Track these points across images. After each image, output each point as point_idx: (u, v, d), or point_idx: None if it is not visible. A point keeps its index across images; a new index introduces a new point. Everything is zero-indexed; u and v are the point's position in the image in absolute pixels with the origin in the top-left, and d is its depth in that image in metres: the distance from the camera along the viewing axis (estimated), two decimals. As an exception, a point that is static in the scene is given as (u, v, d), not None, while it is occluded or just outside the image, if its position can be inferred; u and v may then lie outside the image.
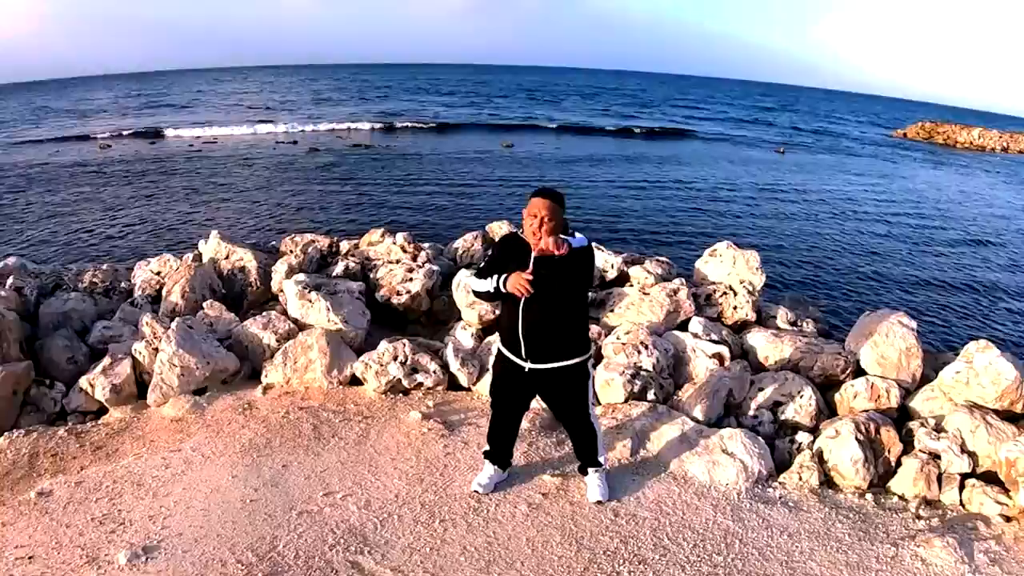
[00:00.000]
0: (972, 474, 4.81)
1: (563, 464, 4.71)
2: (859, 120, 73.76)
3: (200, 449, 4.71)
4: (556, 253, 3.62)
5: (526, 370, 4.11)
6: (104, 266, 6.82)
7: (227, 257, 6.76)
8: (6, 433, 4.74)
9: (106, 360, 5.33)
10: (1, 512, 4.05)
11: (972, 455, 4.81)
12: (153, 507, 4.12)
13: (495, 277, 3.95)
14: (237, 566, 3.63)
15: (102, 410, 5.26)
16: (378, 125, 38.88)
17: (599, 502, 4.35)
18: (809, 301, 7.37)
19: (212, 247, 6.93)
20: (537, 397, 4.55)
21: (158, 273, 6.64)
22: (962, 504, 4.68)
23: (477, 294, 4.15)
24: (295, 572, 3.62)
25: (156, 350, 5.33)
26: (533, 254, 3.88)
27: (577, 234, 3.99)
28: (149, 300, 6.43)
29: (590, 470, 4.48)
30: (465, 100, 61.07)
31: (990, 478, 4.77)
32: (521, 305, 3.96)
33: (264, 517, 4.04)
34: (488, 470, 4.48)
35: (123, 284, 6.66)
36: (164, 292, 6.38)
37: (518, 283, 3.77)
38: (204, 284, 6.37)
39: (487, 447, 4.52)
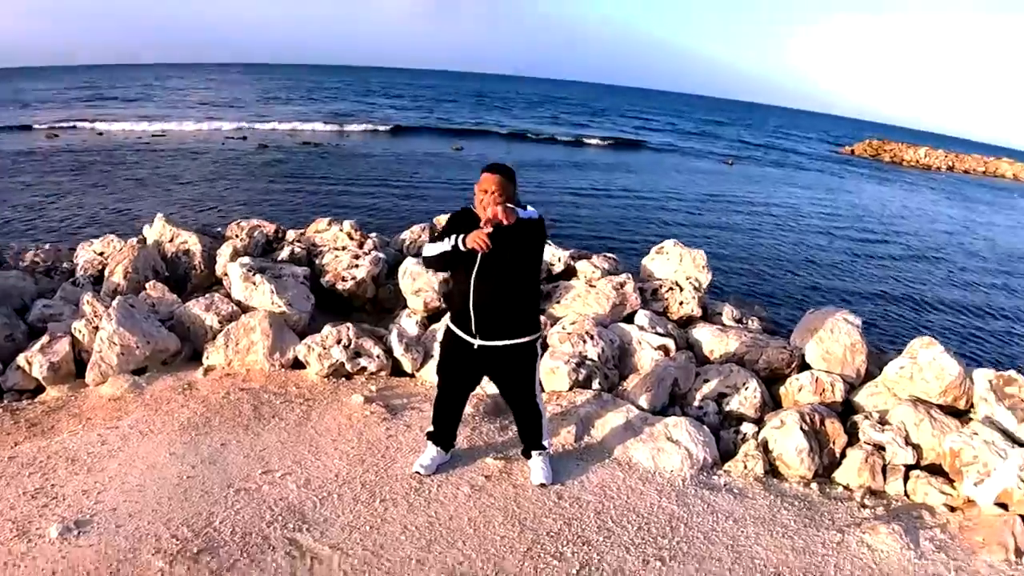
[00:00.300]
0: (916, 466, 4.90)
1: (507, 448, 4.74)
2: (808, 136, 77.10)
3: (137, 426, 4.65)
4: (504, 222, 3.67)
5: (475, 347, 4.15)
6: (47, 246, 6.74)
7: (172, 240, 6.73)
8: None
9: (44, 338, 5.27)
10: None
11: (916, 447, 4.92)
12: (87, 482, 4.05)
13: (452, 236, 3.96)
14: (171, 541, 3.58)
15: (39, 389, 5.18)
16: (329, 125, 38.98)
17: (542, 485, 4.36)
18: (754, 302, 7.55)
19: (157, 230, 6.89)
20: (484, 380, 4.63)
21: (101, 254, 6.58)
22: (907, 494, 4.79)
23: (430, 260, 4.14)
24: (231, 548, 3.57)
25: (96, 328, 5.26)
26: (483, 226, 3.88)
27: (529, 207, 4.05)
28: (91, 280, 6.38)
29: (534, 453, 4.49)
30: (414, 104, 61.70)
31: (934, 471, 4.87)
32: (473, 278, 4.00)
33: (201, 494, 4.00)
34: (431, 451, 4.48)
35: (65, 264, 6.60)
36: (106, 272, 6.33)
37: (478, 237, 3.76)
38: (147, 265, 6.33)
39: (431, 428, 4.53)
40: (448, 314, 4.38)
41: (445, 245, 3.97)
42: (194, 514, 3.82)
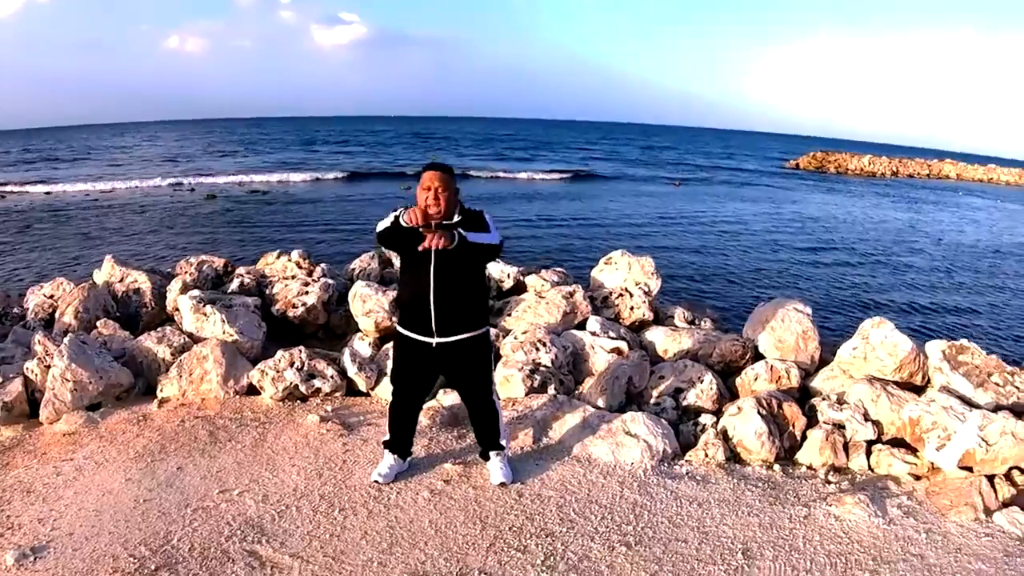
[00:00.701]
0: (878, 441, 5.02)
1: (465, 454, 4.81)
2: (754, 155, 78.41)
3: (92, 457, 4.66)
4: (440, 246, 3.85)
5: (434, 345, 4.20)
6: None
7: (121, 280, 6.79)
8: None
9: None
10: None
11: (876, 423, 5.05)
12: (43, 511, 4.05)
13: (393, 213, 4.06)
14: (129, 560, 3.58)
15: None
16: (277, 175, 38.54)
17: (502, 484, 4.42)
18: (705, 305, 7.74)
19: (106, 271, 6.97)
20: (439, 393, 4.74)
21: (51, 296, 6.63)
22: (871, 468, 4.89)
23: (382, 235, 4.17)
24: (190, 563, 3.59)
25: (48, 367, 5.27)
26: (434, 224, 3.98)
27: (475, 209, 4.26)
28: (42, 323, 6.41)
29: (492, 454, 4.56)
30: (360, 150, 61.79)
31: (897, 444, 4.98)
32: (432, 277, 4.09)
33: (158, 515, 4.02)
34: (388, 460, 4.53)
35: (15, 310, 6.62)
36: (57, 314, 6.38)
37: (414, 213, 3.88)
38: (98, 305, 6.38)
39: (387, 437, 4.58)
40: (399, 321, 4.41)
41: (388, 220, 4.06)
42: (151, 534, 3.84)
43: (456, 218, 4.15)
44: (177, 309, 6.36)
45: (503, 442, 4.57)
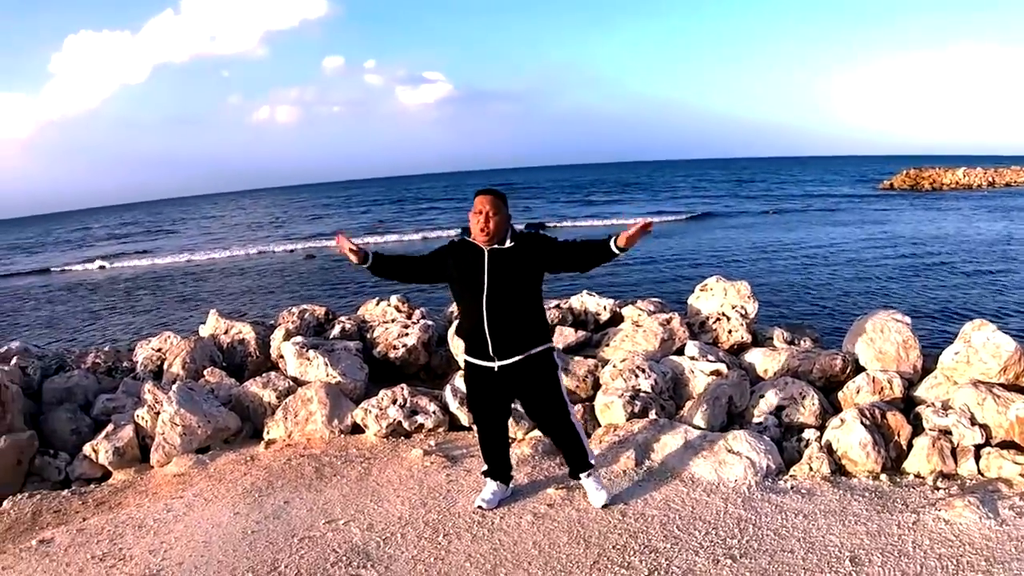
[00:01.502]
0: (987, 444, 4.80)
1: (568, 479, 4.73)
2: (838, 178, 78.06)
3: (202, 494, 4.82)
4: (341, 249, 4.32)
5: (496, 369, 4.20)
6: (106, 348, 7.12)
7: (226, 332, 7.05)
8: (10, 497, 4.86)
9: (109, 427, 5.52)
10: (5, 560, 4.13)
11: (984, 427, 4.84)
12: (154, 543, 4.21)
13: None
14: None
15: (106, 475, 5.37)
16: (372, 237, 39.10)
17: (605, 505, 4.34)
18: (804, 325, 7.54)
19: (211, 324, 7.26)
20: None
21: (159, 349, 6.90)
22: (980, 473, 4.69)
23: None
24: None
25: (158, 413, 5.50)
26: (485, 250, 4.12)
27: (531, 232, 4.32)
28: (151, 374, 6.68)
29: (582, 475, 4.48)
30: (451, 205, 63.89)
31: (1006, 446, 4.76)
32: (485, 302, 4.09)
33: (265, 544, 4.12)
34: (490, 487, 4.52)
35: (125, 364, 6.90)
36: (165, 365, 6.66)
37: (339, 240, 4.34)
38: (204, 355, 6.64)
39: (485, 467, 4.58)
40: (464, 349, 4.42)
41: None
42: (259, 561, 3.94)
43: (508, 243, 4.15)
44: (281, 356, 6.56)
45: (592, 460, 4.48)
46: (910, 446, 4.89)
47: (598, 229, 37.42)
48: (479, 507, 4.42)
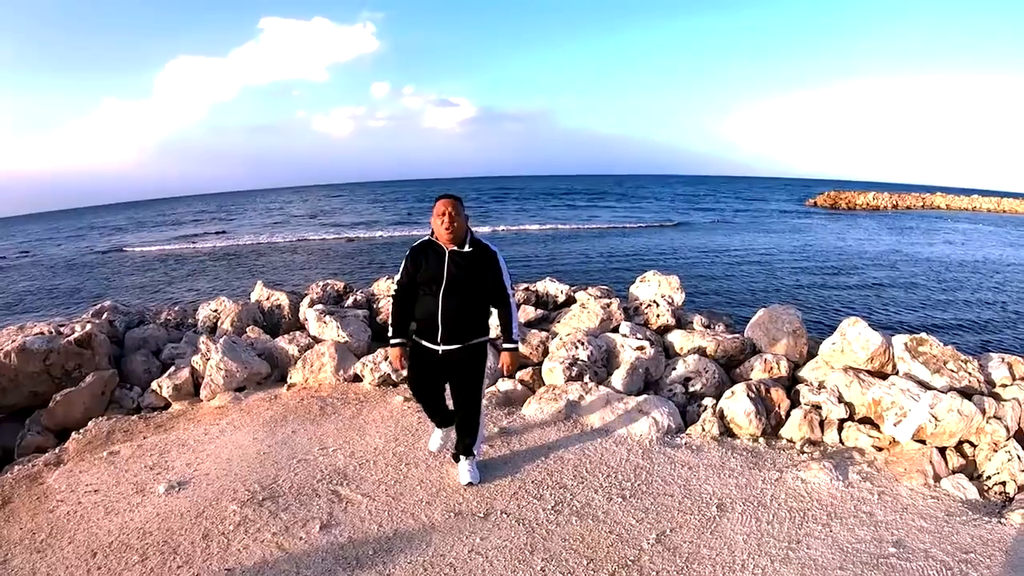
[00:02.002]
0: (850, 419, 5.01)
1: (509, 428, 5.06)
2: (774, 197, 78.88)
3: (232, 423, 5.26)
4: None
5: (440, 352, 4.14)
6: (176, 307, 7.67)
7: (268, 298, 7.50)
8: (93, 419, 5.37)
9: (171, 369, 6.00)
10: (81, 466, 4.63)
11: (849, 404, 5.03)
12: (191, 458, 4.66)
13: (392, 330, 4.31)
14: (244, 493, 4.13)
15: (167, 406, 5.84)
16: (400, 229, 40.27)
17: (470, 483, 4.29)
18: (723, 312, 7.75)
19: (257, 292, 7.71)
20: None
21: (215, 310, 7.41)
22: (841, 442, 4.89)
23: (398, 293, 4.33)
24: (287, 497, 4.09)
25: (208, 360, 5.95)
26: (447, 249, 4.05)
27: (485, 241, 4.19)
28: (208, 329, 7.19)
29: (462, 458, 4.42)
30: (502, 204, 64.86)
31: (865, 422, 4.96)
32: (441, 293, 4.05)
33: (272, 463, 4.54)
34: (437, 433, 4.68)
35: (189, 320, 7.43)
36: (219, 323, 7.14)
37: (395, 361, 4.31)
38: (249, 316, 7.10)
39: (434, 419, 4.62)
40: (415, 332, 4.30)
41: (391, 332, 4.33)
42: (264, 476, 4.37)
43: (467, 248, 4.09)
44: (306, 319, 6.93)
45: (475, 451, 4.43)
46: (788, 416, 5.07)
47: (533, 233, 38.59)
48: (430, 450, 4.64)
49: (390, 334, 4.32)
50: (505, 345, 4.29)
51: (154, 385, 5.90)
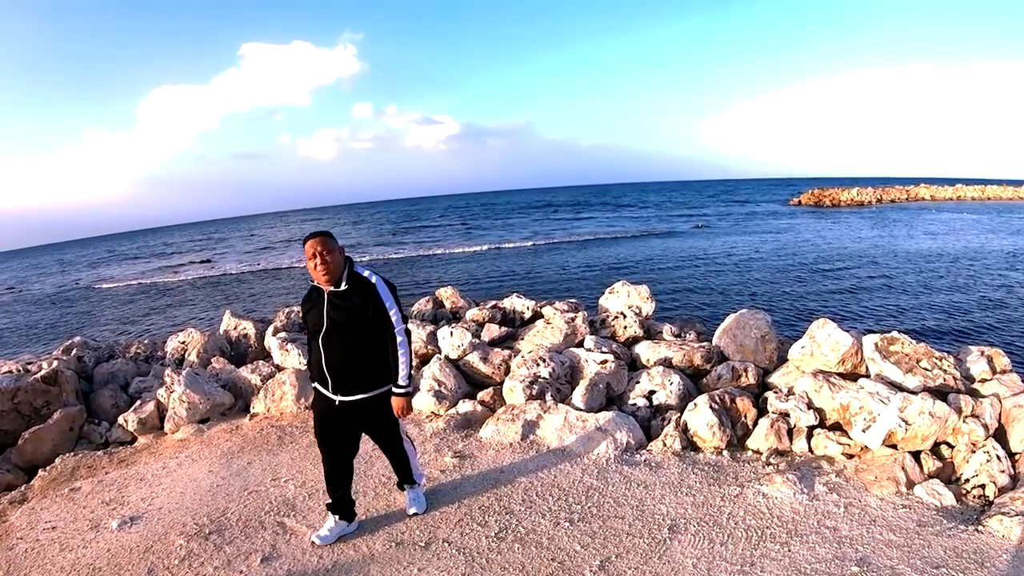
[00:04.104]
0: (821, 426, 5.02)
1: (465, 451, 5.23)
2: (757, 199, 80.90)
3: (191, 456, 5.52)
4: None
5: (337, 403, 3.98)
6: (146, 340, 8.06)
7: (235, 328, 7.80)
8: (60, 455, 5.70)
9: (138, 403, 6.30)
10: (43, 503, 4.95)
11: (819, 411, 5.05)
12: (146, 493, 4.92)
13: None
14: (193, 526, 4.36)
15: (134, 440, 6.13)
16: (380, 249, 41.88)
17: (415, 514, 4.37)
18: (697, 319, 7.79)
19: (225, 322, 8.02)
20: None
21: (183, 342, 7.71)
22: (810, 451, 4.90)
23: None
24: (234, 530, 4.30)
25: (172, 392, 6.22)
26: (325, 290, 3.89)
27: (365, 272, 3.97)
28: (176, 361, 7.49)
29: (406, 487, 4.48)
30: (443, 222, 67.42)
31: (835, 428, 4.98)
32: (321, 340, 3.89)
33: (224, 496, 4.77)
34: (329, 521, 4.25)
35: (159, 352, 7.73)
36: (186, 354, 7.43)
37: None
38: (216, 347, 7.39)
39: (329, 499, 4.27)
40: (311, 378, 4.17)
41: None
42: (215, 508, 4.60)
43: (344, 286, 3.88)
44: (270, 347, 7.20)
45: (416, 479, 4.45)
46: (756, 426, 5.11)
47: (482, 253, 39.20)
48: (312, 542, 4.15)
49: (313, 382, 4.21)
50: (393, 389, 4.01)
51: (120, 419, 6.20)
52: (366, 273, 3.97)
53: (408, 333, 4.06)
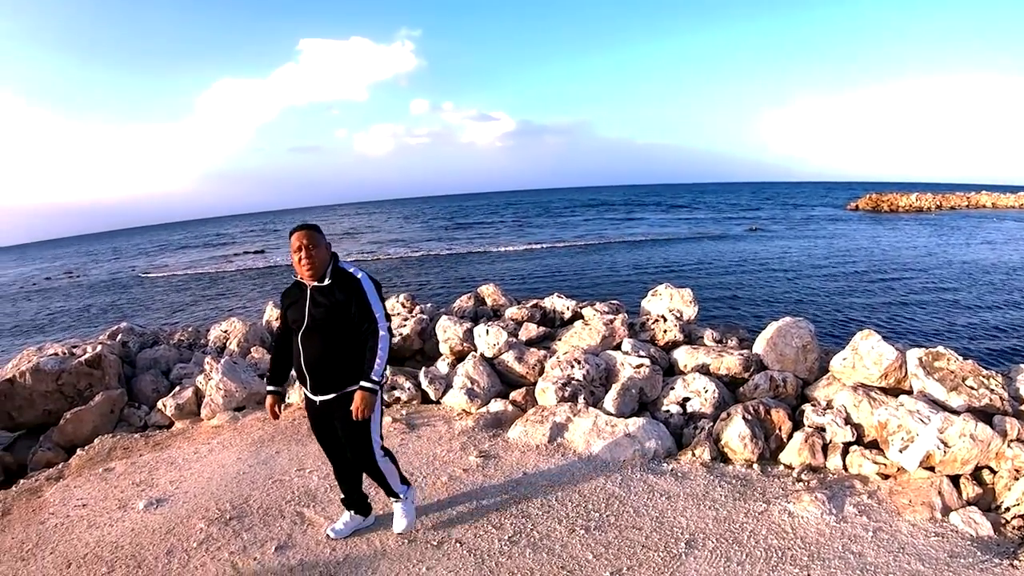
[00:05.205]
0: (858, 443, 4.89)
1: (489, 451, 5.29)
2: (814, 204, 77.51)
3: (223, 443, 5.75)
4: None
5: (317, 403, 3.97)
6: (190, 327, 8.44)
7: (276, 318, 8.01)
8: (99, 436, 6.02)
9: (177, 388, 6.59)
10: (78, 481, 5.24)
11: (857, 427, 4.92)
12: (175, 476, 5.16)
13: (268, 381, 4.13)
14: (215, 511, 4.56)
15: (171, 424, 6.43)
16: (434, 244, 43.58)
17: (399, 533, 4.25)
18: (741, 325, 7.65)
19: (267, 312, 8.29)
20: None
21: (225, 331, 8.01)
22: (845, 468, 4.78)
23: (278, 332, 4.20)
24: (253, 517, 4.47)
25: (210, 379, 6.49)
26: (308, 285, 3.84)
27: (351, 268, 3.92)
28: (218, 349, 7.79)
29: (391, 501, 4.33)
30: (495, 219, 69.11)
31: (873, 446, 4.84)
32: (300, 337, 3.85)
33: (248, 483, 4.96)
34: (344, 516, 4.34)
35: (202, 340, 8.06)
36: (227, 343, 7.75)
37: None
38: (256, 336, 7.65)
39: (342, 495, 4.34)
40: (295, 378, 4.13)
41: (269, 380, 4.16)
42: (238, 495, 4.79)
43: (327, 281, 3.83)
44: None
45: (399, 492, 4.26)
46: (790, 439, 5.02)
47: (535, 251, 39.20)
48: (327, 535, 4.24)
49: (266, 381, 4.18)
50: (361, 382, 3.81)
51: (159, 404, 6.50)
52: (352, 269, 3.91)
53: (390, 332, 3.93)
